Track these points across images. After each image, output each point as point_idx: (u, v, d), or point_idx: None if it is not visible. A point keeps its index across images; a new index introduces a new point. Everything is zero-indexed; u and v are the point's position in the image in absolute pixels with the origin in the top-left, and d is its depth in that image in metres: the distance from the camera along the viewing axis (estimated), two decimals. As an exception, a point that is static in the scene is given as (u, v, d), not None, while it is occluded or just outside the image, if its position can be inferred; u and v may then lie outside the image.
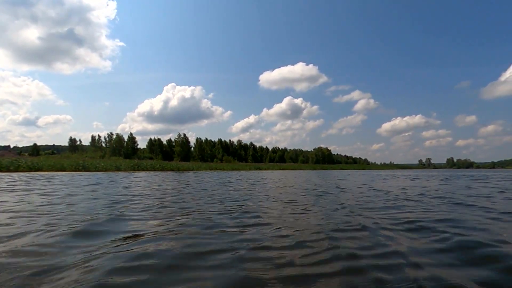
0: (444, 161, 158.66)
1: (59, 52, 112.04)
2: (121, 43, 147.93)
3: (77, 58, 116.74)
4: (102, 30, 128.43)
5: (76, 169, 23.77)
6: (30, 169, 21.10)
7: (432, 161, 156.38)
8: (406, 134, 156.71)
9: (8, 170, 19.27)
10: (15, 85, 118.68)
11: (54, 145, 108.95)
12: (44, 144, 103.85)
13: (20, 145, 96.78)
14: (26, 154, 73.65)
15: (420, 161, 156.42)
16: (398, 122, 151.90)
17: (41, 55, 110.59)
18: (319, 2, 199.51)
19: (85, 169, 24.22)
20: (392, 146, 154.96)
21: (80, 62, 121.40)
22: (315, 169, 64.10)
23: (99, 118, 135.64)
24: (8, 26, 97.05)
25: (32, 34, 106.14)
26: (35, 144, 77.80)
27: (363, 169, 75.42)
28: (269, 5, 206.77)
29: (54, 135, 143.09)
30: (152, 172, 25.18)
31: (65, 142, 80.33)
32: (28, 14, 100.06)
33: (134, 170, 28.61)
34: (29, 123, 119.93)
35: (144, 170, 29.28)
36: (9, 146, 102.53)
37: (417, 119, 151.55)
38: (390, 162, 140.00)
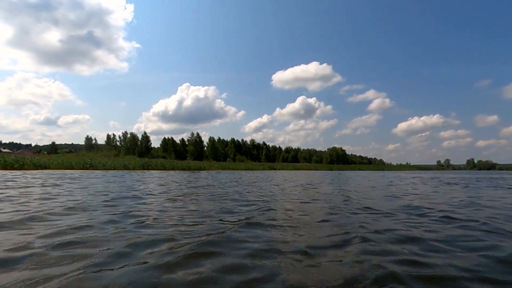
0: (464, 162, 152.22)
1: (78, 54, 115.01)
2: (138, 45, 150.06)
3: (95, 60, 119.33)
4: (120, 33, 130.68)
5: (83, 167, 22.92)
6: (36, 167, 20.35)
7: (450, 162, 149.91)
8: (423, 134, 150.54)
9: (12, 167, 18.54)
10: (38, 86, 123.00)
11: (72, 144, 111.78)
12: (63, 143, 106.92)
13: (40, 144, 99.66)
14: (45, 152, 75.53)
15: (439, 162, 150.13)
16: (415, 122, 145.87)
17: (61, 57, 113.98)
18: (333, 0, 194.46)
19: (92, 167, 23.34)
20: (408, 147, 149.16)
21: (98, 63, 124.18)
22: (332, 169, 61.44)
23: (116, 118, 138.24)
24: (32, 29, 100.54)
25: (53, 37, 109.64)
26: (53, 143, 79.69)
27: (382, 170, 71.81)
28: (282, 4, 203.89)
29: (73, 134, 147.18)
30: (159, 172, 23.98)
31: (83, 141, 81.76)
32: (50, 17, 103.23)
33: (143, 168, 27.58)
34: (50, 122, 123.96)
35: (154, 169, 28.24)
36: (30, 144, 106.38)
37: (435, 119, 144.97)
38: (407, 163, 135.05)
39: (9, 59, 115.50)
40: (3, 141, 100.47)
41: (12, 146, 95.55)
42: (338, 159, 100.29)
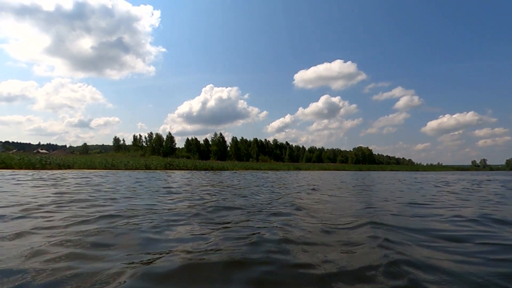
0: (502, 162, 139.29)
1: (108, 59, 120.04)
2: (164, 49, 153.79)
3: (124, 64, 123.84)
4: (147, 38, 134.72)
5: (105, 167, 22.49)
6: (60, 167, 20.09)
7: (487, 163, 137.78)
8: (456, 133, 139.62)
9: (34, 167, 18.33)
10: (72, 91, 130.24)
11: (103, 144, 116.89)
12: (94, 144, 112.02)
13: (74, 145, 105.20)
14: (77, 153, 79.34)
15: (474, 162, 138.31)
16: (446, 120, 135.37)
17: (93, 63, 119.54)
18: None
19: (114, 167, 22.87)
20: (439, 146, 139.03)
21: (127, 67, 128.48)
22: (361, 170, 57.67)
23: (143, 120, 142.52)
24: (67, 37, 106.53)
25: (86, 44, 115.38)
26: (85, 144, 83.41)
27: (417, 170, 66.38)
28: (304, 2, 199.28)
29: (104, 135, 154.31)
30: (180, 171, 22.90)
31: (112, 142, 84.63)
32: (83, 25, 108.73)
33: (166, 168, 26.83)
34: (83, 124, 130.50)
35: (176, 169, 27.42)
36: (65, 145, 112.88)
37: (469, 116, 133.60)
38: (438, 163, 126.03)
39: (47, 66, 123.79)
40: (42, 143, 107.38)
41: (49, 147, 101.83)
42: (364, 159, 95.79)
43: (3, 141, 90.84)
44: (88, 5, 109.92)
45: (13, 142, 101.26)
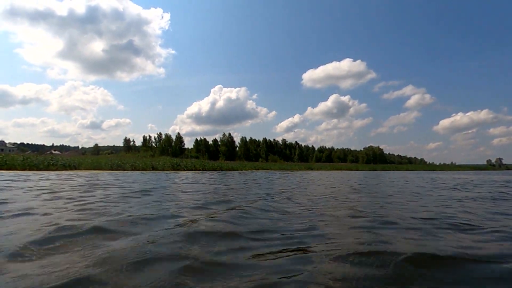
0: None
1: (119, 62, 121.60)
2: (173, 51, 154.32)
3: (134, 66, 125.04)
4: (157, 40, 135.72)
5: (111, 168, 21.91)
6: (65, 167, 19.56)
7: (503, 162, 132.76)
8: (469, 131, 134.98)
9: (38, 168, 17.82)
10: (85, 93, 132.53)
11: (114, 145, 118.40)
12: (105, 145, 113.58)
13: (86, 146, 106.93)
14: (89, 154, 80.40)
15: (489, 161, 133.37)
16: (459, 118, 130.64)
17: (105, 66, 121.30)
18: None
19: (120, 167, 22.26)
20: (451, 145, 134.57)
21: (137, 70, 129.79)
22: (375, 170, 55.65)
23: (153, 121, 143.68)
24: (79, 41, 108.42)
25: (97, 47, 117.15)
26: (96, 145, 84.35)
27: (433, 170, 63.72)
28: (313, 0, 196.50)
29: (115, 136, 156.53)
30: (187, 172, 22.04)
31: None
32: (94, 29, 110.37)
33: (173, 169, 26.10)
34: (95, 126, 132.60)
35: (184, 170, 26.65)
36: (78, 147, 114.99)
37: (483, 114, 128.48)
38: (451, 162, 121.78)
39: (60, 69, 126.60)
40: (55, 144, 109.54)
41: (63, 148, 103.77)
42: (375, 159, 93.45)
43: (18, 142, 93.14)
44: (100, 8, 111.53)
45: (28, 144, 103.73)
